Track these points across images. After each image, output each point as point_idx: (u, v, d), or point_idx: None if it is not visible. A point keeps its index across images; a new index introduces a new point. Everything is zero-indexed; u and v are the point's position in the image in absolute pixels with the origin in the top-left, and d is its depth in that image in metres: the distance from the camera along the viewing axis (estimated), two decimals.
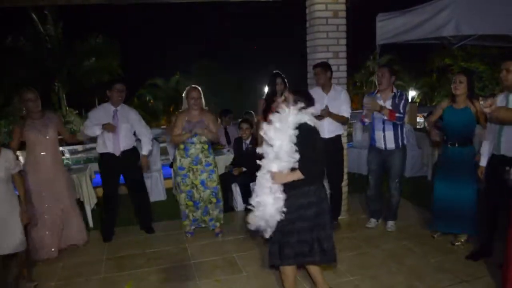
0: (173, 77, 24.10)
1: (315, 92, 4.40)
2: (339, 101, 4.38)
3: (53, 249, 4.22)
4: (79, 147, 12.06)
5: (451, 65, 18.17)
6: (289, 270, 2.94)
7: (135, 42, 28.45)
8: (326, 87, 4.45)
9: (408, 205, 5.46)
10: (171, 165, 6.54)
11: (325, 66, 4.38)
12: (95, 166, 6.56)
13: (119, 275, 3.87)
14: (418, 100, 25.28)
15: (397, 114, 4.16)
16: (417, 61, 22.77)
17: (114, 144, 4.51)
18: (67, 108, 18.43)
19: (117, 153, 4.54)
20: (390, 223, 4.66)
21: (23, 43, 17.39)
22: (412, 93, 26.50)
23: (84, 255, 4.34)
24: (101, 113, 4.52)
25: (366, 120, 4.41)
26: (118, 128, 4.50)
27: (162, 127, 15.18)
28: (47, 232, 4.19)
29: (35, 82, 15.94)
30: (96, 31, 18.88)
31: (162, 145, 7.26)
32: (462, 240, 4.15)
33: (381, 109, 4.16)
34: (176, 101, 21.23)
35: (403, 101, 4.24)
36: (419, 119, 10.73)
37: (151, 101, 22.92)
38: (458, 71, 4.13)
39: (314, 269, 3.08)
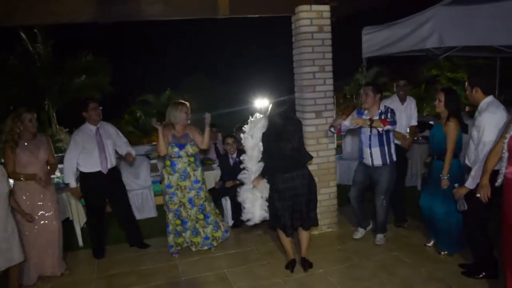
0: (164, 93, 24.13)
1: (394, 101, 5.00)
2: (410, 111, 4.91)
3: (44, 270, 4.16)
4: None
5: (438, 76, 18.44)
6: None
7: (125, 59, 28.55)
8: (403, 99, 5.01)
9: None
10: (161, 182, 6.52)
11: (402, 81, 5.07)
12: None
13: None
14: None
15: (388, 120, 4.12)
16: (405, 72, 23.01)
17: (102, 162, 4.52)
18: (57, 126, 18.33)
19: (105, 171, 4.54)
20: (379, 236, 4.60)
21: (13, 62, 17.38)
22: None
23: (74, 274, 4.29)
24: (84, 136, 4.50)
25: (333, 129, 4.50)
26: (104, 145, 4.54)
27: (153, 143, 15.09)
28: (38, 252, 4.09)
29: (25, 101, 15.90)
30: (87, 48, 18.94)
31: (152, 161, 7.23)
32: (446, 252, 4.19)
33: (371, 122, 4.11)
34: None
35: (389, 113, 4.21)
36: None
37: (142, 117, 22.88)
38: (440, 88, 4.20)
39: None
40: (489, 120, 3.41)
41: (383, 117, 4.18)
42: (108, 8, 4.28)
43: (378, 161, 4.31)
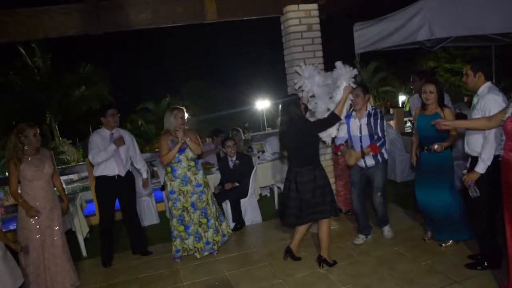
0: (164, 99, 24.23)
1: (414, 97, 5.22)
2: None
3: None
4: (75, 176, 12.02)
5: (436, 67, 18.40)
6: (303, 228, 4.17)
7: (124, 68, 28.70)
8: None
9: (398, 209, 5.48)
10: (162, 188, 6.56)
11: (420, 75, 5.28)
12: (86, 195, 6.58)
13: None
14: (408, 105, 25.41)
15: (378, 144, 4.14)
16: (404, 66, 23.00)
17: (118, 165, 4.62)
18: (60, 138, 18.44)
19: (122, 174, 4.65)
20: (386, 229, 4.60)
21: (12, 77, 17.51)
22: (402, 98, 26.71)
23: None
24: (98, 139, 4.60)
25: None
26: (118, 150, 4.62)
27: (156, 150, 15.16)
28: (41, 268, 4.00)
29: (26, 115, 16.00)
30: (85, 60, 19.09)
31: (154, 168, 7.27)
32: (450, 242, 4.16)
33: (363, 155, 4.18)
34: None
35: (379, 121, 4.20)
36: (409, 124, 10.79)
37: (143, 125, 22.97)
38: (426, 80, 4.20)
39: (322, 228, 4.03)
40: (494, 101, 3.36)
41: (372, 120, 4.20)
42: (97, 19, 4.31)
43: (371, 161, 4.29)
